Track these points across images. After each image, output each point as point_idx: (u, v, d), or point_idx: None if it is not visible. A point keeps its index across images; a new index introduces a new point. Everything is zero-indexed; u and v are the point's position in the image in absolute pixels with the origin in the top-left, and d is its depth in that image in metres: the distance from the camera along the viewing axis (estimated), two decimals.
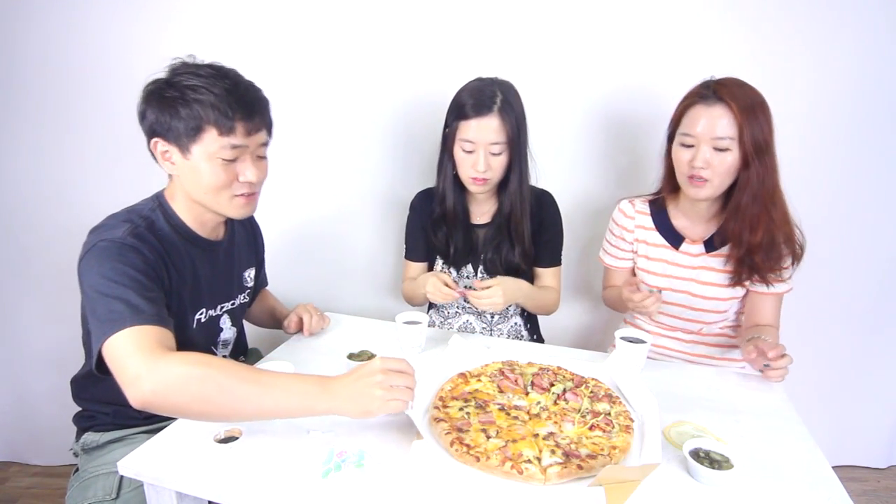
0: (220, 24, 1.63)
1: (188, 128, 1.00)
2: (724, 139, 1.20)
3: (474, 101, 1.33)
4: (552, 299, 1.52)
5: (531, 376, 1.14)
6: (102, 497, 1.04)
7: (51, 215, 1.74)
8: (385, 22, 1.64)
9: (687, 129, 1.25)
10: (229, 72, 1.05)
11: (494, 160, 1.35)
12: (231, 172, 1.05)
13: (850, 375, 1.90)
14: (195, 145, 1.02)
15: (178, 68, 1.03)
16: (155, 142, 1.04)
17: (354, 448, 0.91)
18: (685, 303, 1.40)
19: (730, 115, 1.19)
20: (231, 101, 1.00)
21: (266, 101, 1.10)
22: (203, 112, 0.99)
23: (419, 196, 1.57)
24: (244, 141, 1.04)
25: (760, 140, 1.19)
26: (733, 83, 1.23)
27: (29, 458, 2.01)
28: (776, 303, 1.36)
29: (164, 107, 1.00)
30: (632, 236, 1.45)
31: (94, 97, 1.66)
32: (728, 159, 1.21)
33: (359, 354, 1.22)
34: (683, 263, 1.39)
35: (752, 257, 1.27)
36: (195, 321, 1.16)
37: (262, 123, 1.08)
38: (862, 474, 2.00)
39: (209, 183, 1.04)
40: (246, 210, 1.12)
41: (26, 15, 1.61)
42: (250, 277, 1.35)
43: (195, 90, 0.99)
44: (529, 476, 0.84)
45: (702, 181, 1.24)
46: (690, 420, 1.02)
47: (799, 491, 0.85)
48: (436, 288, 1.34)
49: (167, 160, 1.06)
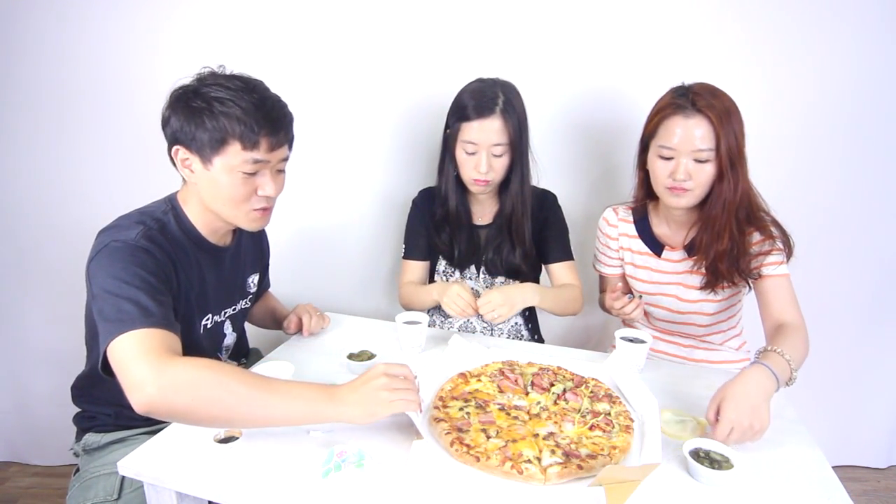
0: (220, 24, 1.63)
1: (212, 139, 0.99)
2: (703, 151, 1.18)
3: (476, 102, 1.32)
4: (573, 295, 1.47)
5: (531, 376, 1.14)
6: (104, 497, 1.03)
7: (52, 216, 1.74)
8: (385, 24, 1.64)
9: (665, 141, 1.22)
10: (257, 85, 1.04)
11: (496, 161, 1.35)
12: (250, 186, 1.05)
13: (850, 375, 1.89)
14: (217, 157, 1.01)
15: (206, 78, 1.03)
16: (176, 149, 1.04)
17: (354, 448, 0.91)
18: (674, 307, 1.40)
19: (709, 127, 1.17)
20: (258, 117, 0.99)
21: (291, 117, 1.09)
22: (229, 125, 0.98)
23: (422, 193, 1.57)
24: (267, 156, 1.03)
25: (734, 148, 1.18)
26: (707, 91, 1.20)
27: (29, 459, 2.01)
28: (778, 289, 1.24)
29: (190, 116, 1.00)
30: (616, 244, 1.46)
31: (93, 98, 1.66)
32: (708, 169, 1.20)
33: (359, 354, 1.22)
34: (667, 270, 1.39)
35: (717, 265, 1.26)
36: (202, 327, 1.16)
37: (285, 139, 1.07)
38: (862, 474, 2.00)
39: (228, 195, 1.04)
40: (260, 223, 1.13)
41: (25, 14, 1.61)
42: (253, 283, 1.35)
43: (222, 103, 0.98)
44: (529, 476, 0.84)
45: (683, 191, 1.23)
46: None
47: (799, 491, 0.85)
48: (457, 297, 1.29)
49: (187, 167, 1.05)
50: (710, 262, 1.27)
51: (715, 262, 1.26)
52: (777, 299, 1.23)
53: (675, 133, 1.20)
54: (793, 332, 1.15)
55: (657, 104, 1.26)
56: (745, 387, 0.96)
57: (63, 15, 1.61)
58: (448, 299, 1.32)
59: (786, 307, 1.22)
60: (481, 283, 1.53)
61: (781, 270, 1.25)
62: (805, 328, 1.19)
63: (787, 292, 1.23)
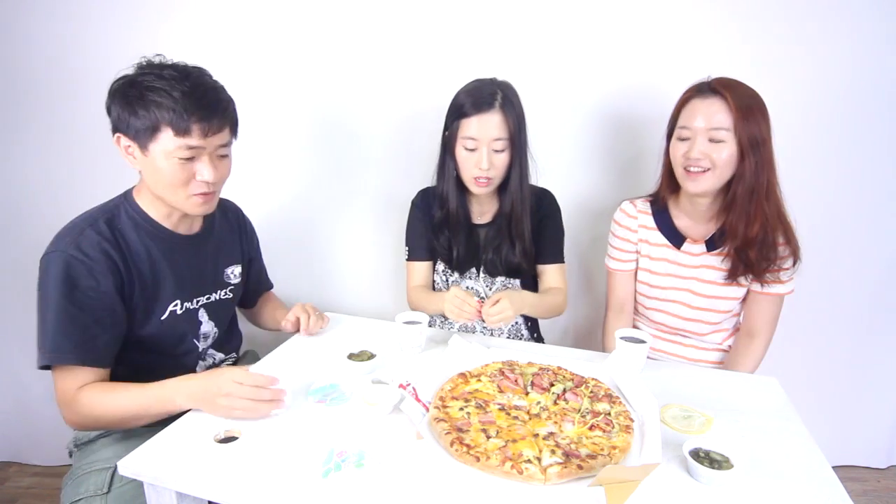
0: (219, 24, 1.63)
1: (146, 127, 1.04)
2: (719, 130, 1.21)
3: (474, 98, 1.32)
4: (557, 301, 1.48)
5: (531, 376, 1.14)
6: (94, 492, 1.04)
7: (51, 215, 1.73)
8: (384, 24, 1.63)
9: (684, 122, 1.27)
10: (192, 72, 1.08)
11: (497, 157, 1.35)
12: (188, 171, 1.08)
13: (850, 375, 1.89)
14: (152, 143, 1.06)
15: (143, 68, 1.07)
16: (118, 136, 1.09)
17: (354, 448, 0.91)
18: (687, 301, 1.40)
19: (725, 107, 1.21)
20: (188, 104, 1.03)
21: (227, 103, 1.12)
22: (159, 113, 1.03)
23: (421, 194, 1.56)
24: (201, 142, 1.06)
25: (756, 135, 1.20)
26: (730, 81, 1.25)
27: (29, 458, 2.01)
28: (772, 306, 1.36)
29: (125, 105, 1.05)
30: (636, 236, 1.45)
31: (91, 100, 1.66)
32: (724, 151, 1.22)
33: (359, 354, 1.22)
34: (685, 263, 1.39)
35: (747, 251, 1.28)
36: (167, 311, 1.19)
37: (221, 125, 1.09)
38: (862, 474, 2.00)
39: (167, 180, 1.08)
40: (203, 208, 1.15)
41: (13, 17, 1.61)
42: (234, 275, 1.35)
43: (155, 91, 1.03)
44: (529, 476, 0.84)
45: (698, 172, 1.25)
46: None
47: (799, 491, 0.85)
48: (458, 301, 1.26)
49: (130, 154, 1.10)
50: (739, 247, 1.29)
51: (745, 249, 1.28)
52: (767, 313, 1.37)
53: (693, 114, 1.25)
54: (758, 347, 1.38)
55: (682, 94, 1.30)
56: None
57: (54, 17, 1.61)
58: (448, 304, 1.29)
59: (766, 323, 1.37)
60: (481, 284, 1.53)
61: (785, 290, 1.33)
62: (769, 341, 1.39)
63: (775, 309, 1.37)
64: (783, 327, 1.39)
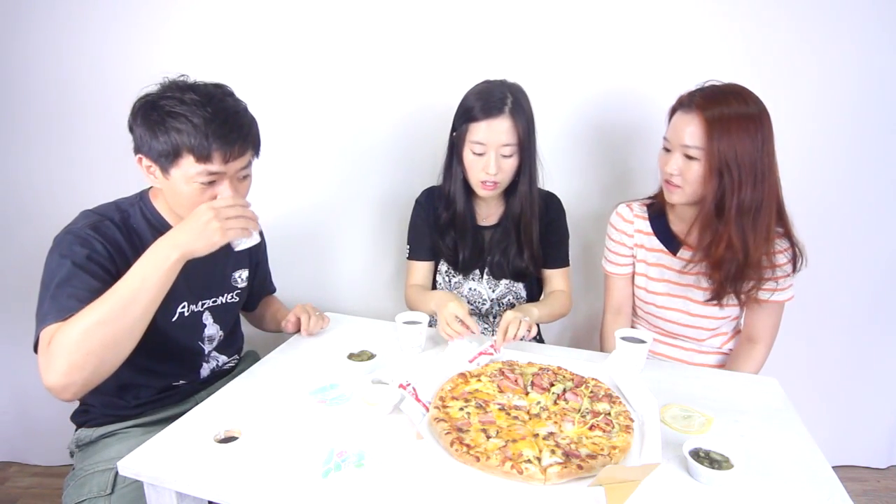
0: (220, 25, 1.63)
1: (167, 152, 1.03)
2: (691, 148, 1.20)
3: (484, 102, 1.31)
4: (561, 304, 1.48)
5: (531, 376, 1.14)
6: (97, 493, 1.04)
7: (51, 215, 1.73)
8: (389, 24, 1.63)
9: (667, 133, 1.27)
10: (214, 96, 1.05)
11: (505, 162, 1.34)
12: (209, 194, 1.08)
13: (850, 375, 1.89)
14: (173, 168, 1.05)
15: (166, 88, 1.06)
16: (139, 157, 1.08)
17: (354, 448, 0.91)
18: (684, 308, 1.40)
19: (698, 125, 1.18)
20: (209, 132, 1.02)
21: (250, 126, 1.11)
22: (180, 139, 1.02)
23: (426, 193, 1.55)
24: (222, 168, 1.05)
25: (730, 155, 1.15)
26: (719, 93, 1.20)
27: (29, 458, 2.01)
28: (772, 313, 1.34)
29: (147, 128, 1.04)
30: (631, 241, 1.44)
31: (94, 101, 1.66)
32: (695, 168, 1.20)
33: (359, 354, 1.22)
34: (681, 269, 1.38)
35: (714, 272, 1.26)
36: (177, 313, 1.18)
37: (242, 150, 1.08)
38: (862, 474, 2.00)
39: (187, 202, 1.07)
40: None
41: (14, 21, 1.61)
42: (241, 279, 1.35)
43: (175, 117, 1.01)
44: (529, 476, 0.84)
45: (674, 186, 1.25)
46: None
47: (799, 491, 0.85)
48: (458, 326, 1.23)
49: (151, 174, 1.09)
50: (709, 266, 1.27)
51: (712, 269, 1.27)
52: (765, 320, 1.36)
53: (673, 127, 1.25)
54: (759, 353, 1.37)
55: (675, 101, 1.29)
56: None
57: (55, 22, 1.61)
58: (441, 325, 1.26)
59: (764, 331, 1.36)
60: (485, 286, 1.53)
61: (786, 296, 1.31)
62: (770, 346, 1.38)
63: (774, 317, 1.36)
64: (783, 327, 1.39)
